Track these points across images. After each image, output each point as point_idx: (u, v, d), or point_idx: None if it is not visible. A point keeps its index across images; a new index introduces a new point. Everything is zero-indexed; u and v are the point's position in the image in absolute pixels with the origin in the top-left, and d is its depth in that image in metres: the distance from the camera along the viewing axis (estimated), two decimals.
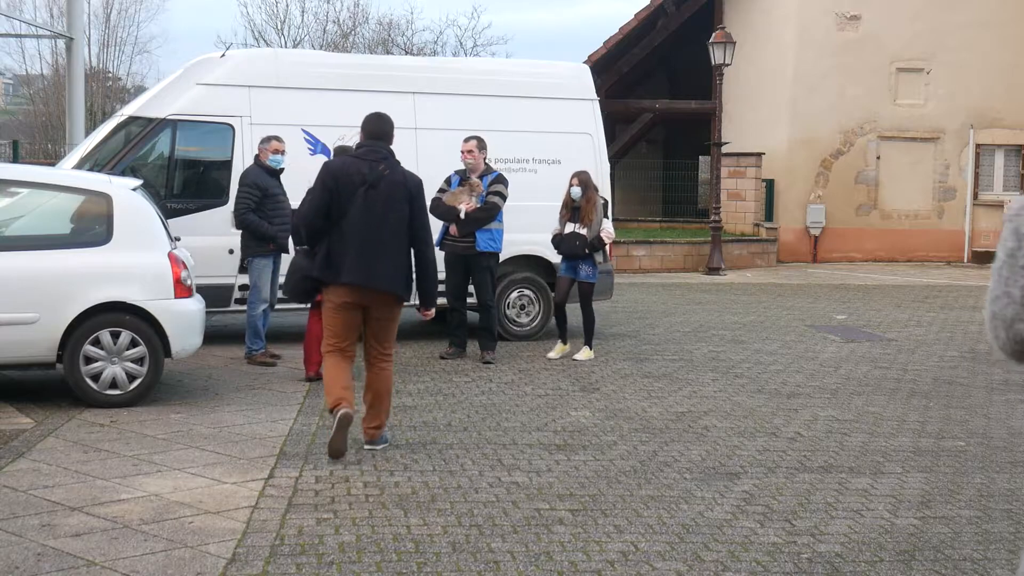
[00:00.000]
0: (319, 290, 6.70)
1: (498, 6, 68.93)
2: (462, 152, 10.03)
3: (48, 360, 7.84)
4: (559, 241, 10.14)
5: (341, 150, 8.93)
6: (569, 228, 10.00)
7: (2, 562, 4.64)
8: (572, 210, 10.00)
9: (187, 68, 11.21)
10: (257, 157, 9.74)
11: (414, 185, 6.63)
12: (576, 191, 9.95)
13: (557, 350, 10.29)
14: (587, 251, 9.93)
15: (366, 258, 6.40)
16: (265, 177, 9.58)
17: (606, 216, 10.32)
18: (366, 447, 6.66)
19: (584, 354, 10.17)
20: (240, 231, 9.71)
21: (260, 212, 9.43)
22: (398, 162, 6.70)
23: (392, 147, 6.72)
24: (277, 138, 9.73)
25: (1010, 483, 6.23)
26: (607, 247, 10.25)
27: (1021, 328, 2.31)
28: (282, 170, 9.74)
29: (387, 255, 6.46)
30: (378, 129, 6.70)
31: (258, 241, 9.50)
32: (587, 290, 10.11)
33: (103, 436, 6.94)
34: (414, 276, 6.66)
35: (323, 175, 6.58)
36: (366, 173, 6.48)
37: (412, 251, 6.62)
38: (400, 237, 6.52)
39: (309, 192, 6.96)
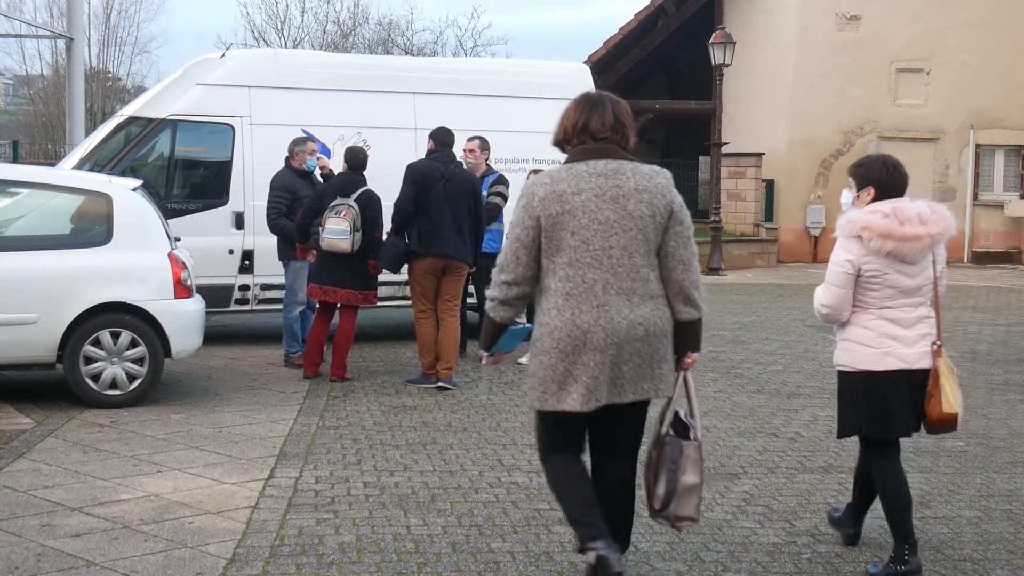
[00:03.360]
0: (408, 260, 8.70)
1: (498, 6, 68.97)
2: (464, 151, 10.02)
3: (48, 360, 7.84)
4: None
5: (352, 151, 8.96)
6: None
7: (2, 562, 4.64)
8: None
9: (187, 68, 11.22)
10: (288, 160, 9.67)
11: (475, 181, 9.11)
12: None
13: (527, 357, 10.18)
14: None
15: (447, 235, 8.51)
16: (295, 180, 9.54)
17: None
18: (440, 383, 8.58)
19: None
20: (240, 230, 9.72)
21: (292, 216, 9.36)
22: (460, 163, 9.00)
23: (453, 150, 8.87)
24: (312, 139, 9.69)
25: (1010, 483, 6.23)
26: None
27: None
28: (314, 172, 9.72)
29: (460, 233, 8.59)
30: (447, 138, 8.85)
31: (293, 244, 9.41)
32: None
33: (103, 436, 6.94)
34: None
35: (412, 174, 8.58)
36: (443, 171, 8.57)
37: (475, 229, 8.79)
38: (466, 219, 8.64)
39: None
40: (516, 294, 4.18)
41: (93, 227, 7.96)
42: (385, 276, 9.19)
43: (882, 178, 4.69)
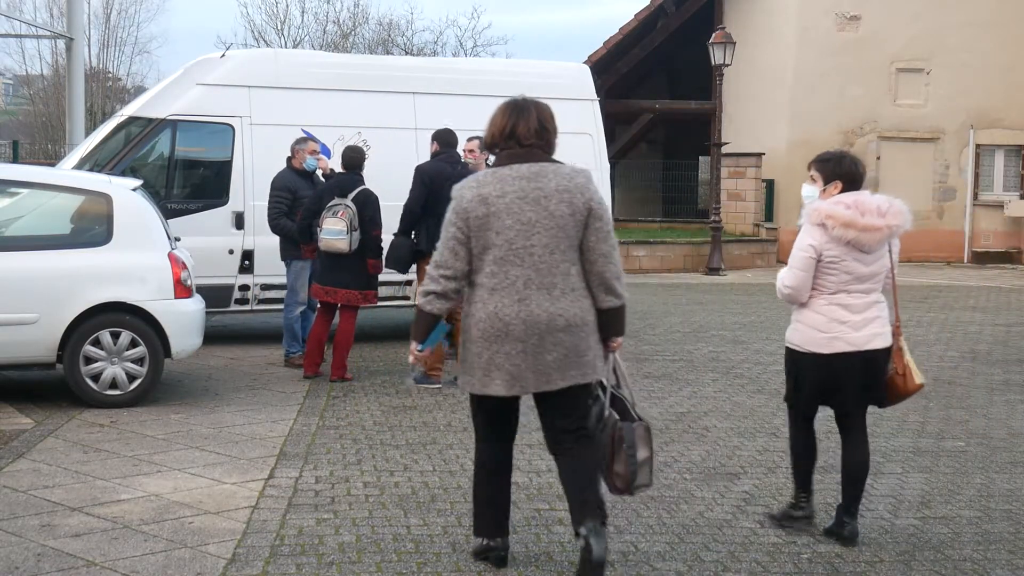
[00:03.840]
0: (415, 261, 8.92)
1: (498, 6, 68.99)
2: (464, 151, 10.01)
3: (48, 360, 7.84)
4: None
5: (349, 151, 8.96)
6: None
7: (2, 562, 4.64)
8: None
9: (187, 68, 11.22)
10: (289, 160, 9.67)
11: None
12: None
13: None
14: None
15: None
16: (296, 180, 9.54)
17: None
18: (443, 383, 8.56)
19: None
20: (240, 230, 9.72)
21: (293, 215, 9.35)
22: (466, 164, 8.96)
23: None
24: (312, 139, 9.69)
25: (1010, 483, 6.23)
26: None
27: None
28: (315, 171, 9.72)
29: None
30: (451, 139, 9.16)
31: (295, 244, 9.40)
32: None
33: (103, 436, 6.94)
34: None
35: (421, 176, 8.84)
36: (451, 172, 8.58)
37: None
38: None
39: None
40: (453, 288, 4.49)
41: (93, 227, 7.96)
42: (385, 276, 9.20)
43: (849, 173, 5.10)
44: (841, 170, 5.11)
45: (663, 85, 29.90)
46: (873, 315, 5.05)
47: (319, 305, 9.17)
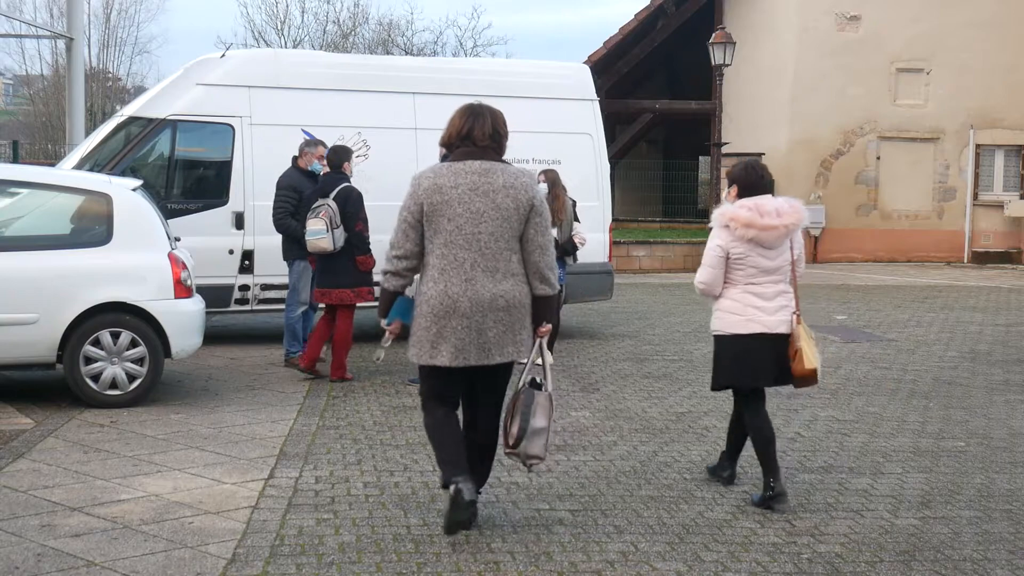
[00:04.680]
0: None
1: (498, 7, 68.91)
2: None
3: (48, 360, 7.84)
4: None
5: (332, 151, 8.97)
6: None
7: (2, 562, 4.64)
8: None
9: (187, 68, 11.21)
10: (295, 159, 9.65)
11: None
12: (543, 188, 9.62)
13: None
14: (558, 253, 9.56)
15: None
16: (302, 180, 9.50)
17: (577, 219, 10.02)
18: None
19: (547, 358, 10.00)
20: (240, 230, 9.72)
21: (298, 215, 9.35)
22: None
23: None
24: (323, 144, 9.64)
25: (1010, 483, 6.23)
26: (590, 250, 10.02)
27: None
28: (319, 174, 9.71)
29: None
30: None
31: (299, 244, 9.39)
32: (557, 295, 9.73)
33: (103, 436, 6.94)
34: None
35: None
36: None
37: None
38: None
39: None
40: (405, 267, 5.03)
41: (93, 227, 7.96)
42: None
43: (740, 178, 5.74)
44: (733, 176, 5.80)
45: (663, 85, 29.92)
46: (782, 303, 5.70)
47: (323, 307, 9.17)
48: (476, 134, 5.06)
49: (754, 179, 5.72)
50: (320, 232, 8.56)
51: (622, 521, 5.35)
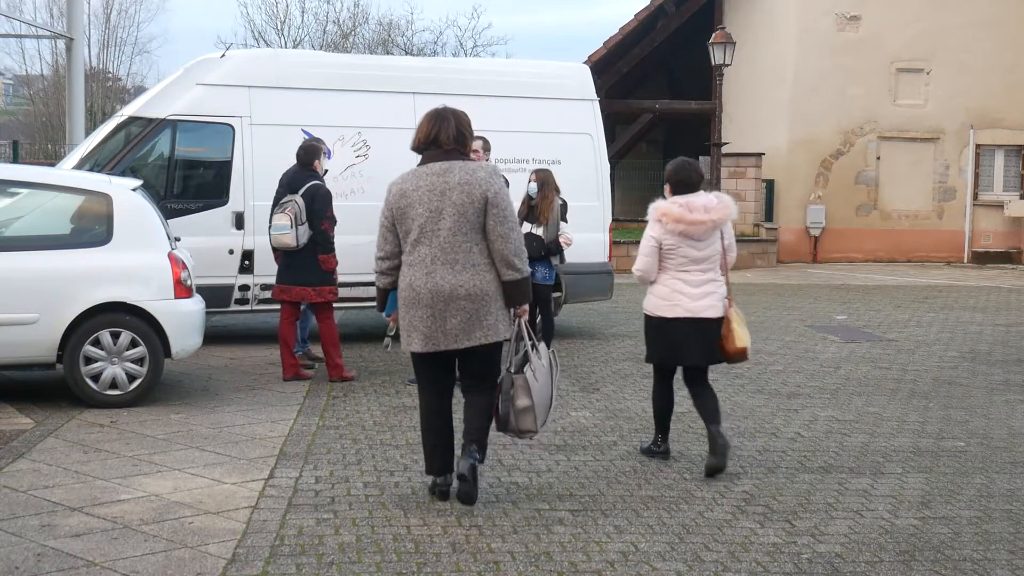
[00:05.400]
0: None
1: (498, 7, 68.96)
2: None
3: (48, 360, 7.84)
4: None
5: (301, 147, 8.97)
6: (526, 228, 9.53)
7: (2, 562, 4.64)
8: (529, 208, 9.69)
9: (187, 68, 11.20)
10: (307, 162, 9.62)
11: None
12: (533, 187, 9.61)
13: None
14: (543, 252, 9.44)
15: None
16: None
17: (564, 219, 9.94)
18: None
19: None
20: (240, 230, 9.69)
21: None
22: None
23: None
24: (313, 139, 9.61)
25: (1010, 483, 6.23)
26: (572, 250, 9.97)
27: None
28: (326, 172, 9.69)
29: None
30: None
31: None
32: (544, 293, 9.56)
33: (103, 436, 6.94)
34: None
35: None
36: None
37: None
38: None
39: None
40: (388, 266, 5.56)
41: (93, 227, 7.95)
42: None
43: (673, 176, 6.29)
44: (669, 173, 6.33)
45: (663, 85, 29.92)
46: (709, 290, 6.22)
47: (288, 304, 9.02)
48: (442, 138, 5.47)
49: (684, 176, 6.26)
50: (284, 228, 8.57)
51: (622, 521, 5.35)
